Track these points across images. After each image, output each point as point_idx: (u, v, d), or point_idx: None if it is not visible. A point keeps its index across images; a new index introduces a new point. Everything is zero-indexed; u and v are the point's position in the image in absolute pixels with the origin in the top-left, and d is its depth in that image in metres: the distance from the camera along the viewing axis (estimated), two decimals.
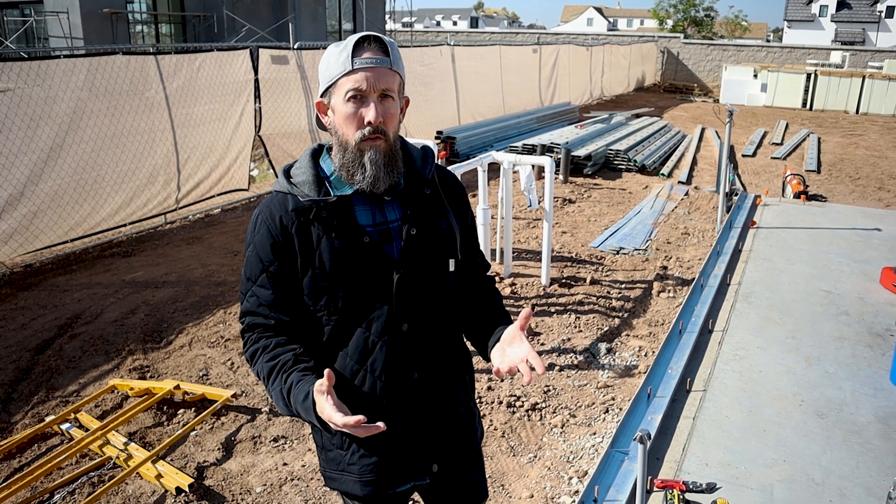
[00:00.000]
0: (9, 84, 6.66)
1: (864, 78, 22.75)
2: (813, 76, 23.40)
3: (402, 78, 1.88)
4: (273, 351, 1.86)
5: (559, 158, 11.24)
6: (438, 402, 2.00)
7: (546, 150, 12.04)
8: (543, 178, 6.44)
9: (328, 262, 1.83)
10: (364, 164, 1.81)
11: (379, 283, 1.87)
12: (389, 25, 28.48)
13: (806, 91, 23.48)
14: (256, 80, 9.62)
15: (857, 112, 22.68)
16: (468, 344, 2.14)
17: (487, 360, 1.96)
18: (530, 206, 6.64)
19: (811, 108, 23.33)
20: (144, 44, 18.79)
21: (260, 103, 9.82)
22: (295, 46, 10.32)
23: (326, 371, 1.66)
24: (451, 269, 2.00)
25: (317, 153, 1.95)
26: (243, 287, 1.94)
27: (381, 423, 1.66)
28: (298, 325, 1.93)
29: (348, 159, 1.83)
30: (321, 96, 1.87)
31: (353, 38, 1.80)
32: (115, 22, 17.46)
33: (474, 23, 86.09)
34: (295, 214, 1.84)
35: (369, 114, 1.79)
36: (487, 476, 3.89)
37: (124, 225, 8.12)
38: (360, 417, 1.62)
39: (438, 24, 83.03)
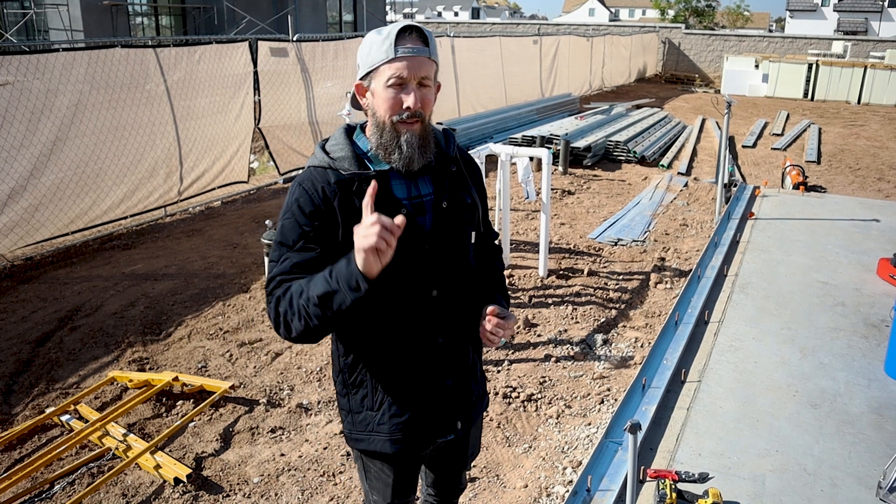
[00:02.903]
0: (9, 77, 6.68)
1: (865, 68, 22.69)
2: (814, 66, 23.33)
3: (438, 65, 2.02)
4: (309, 277, 1.92)
5: (559, 150, 11.24)
6: (461, 363, 2.19)
7: (545, 141, 12.04)
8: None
9: None
10: (401, 144, 1.96)
11: (412, 252, 1.99)
12: (390, 16, 28.42)
13: (807, 81, 23.43)
14: (256, 73, 9.64)
15: (859, 102, 22.63)
16: None
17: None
18: (527, 198, 6.66)
19: (812, 99, 23.28)
20: (145, 36, 18.78)
21: (259, 96, 9.84)
22: (294, 39, 10.33)
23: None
24: (472, 240, 2.17)
25: (349, 131, 2.07)
26: (275, 253, 2.00)
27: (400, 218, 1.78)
28: None
29: (386, 140, 1.97)
30: (360, 79, 2.00)
31: (396, 26, 1.92)
32: (115, 14, 17.46)
33: (475, 13, 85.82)
34: (337, 186, 1.95)
35: (409, 100, 1.92)
36: (483, 466, 3.94)
37: (125, 217, 8.16)
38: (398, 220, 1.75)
39: (440, 14, 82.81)
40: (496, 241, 2.44)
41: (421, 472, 2.48)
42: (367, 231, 1.73)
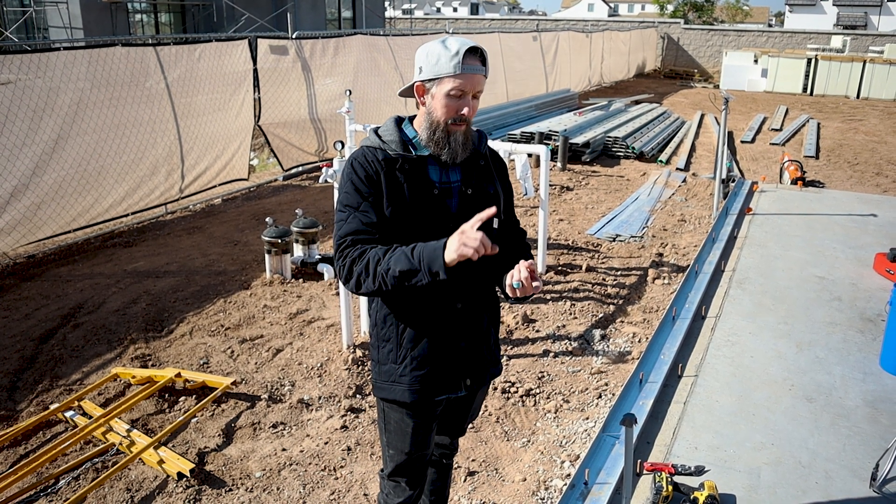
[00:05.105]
0: (10, 76, 6.72)
1: (864, 63, 22.71)
2: (813, 61, 23.35)
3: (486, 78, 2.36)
4: (385, 248, 2.21)
5: (557, 146, 11.28)
6: (475, 330, 2.49)
7: (544, 137, 12.07)
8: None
9: (407, 203, 2.29)
10: (450, 142, 2.32)
11: (440, 227, 2.28)
12: (389, 13, 28.39)
13: (806, 76, 23.45)
14: (255, 70, 9.67)
15: (858, 97, 22.66)
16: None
17: (505, 295, 2.34)
18: (526, 194, 6.70)
19: (812, 94, 23.30)
20: (144, 34, 18.79)
21: (259, 93, 9.87)
22: (293, 36, 10.35)
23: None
24: (495, 226, 2.42)
25: (399, 121, 2.42)
26: (341, 216, 2.32)
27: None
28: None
29: (439, 136, 2.31)
30: (424, 82, 2.32)
31: (464, 46, 2.23)
32: (114, 12, 17.47)
33: (474, 9, 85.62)
34: (384, 163, 2.31)
35: (465, 109, 2.28)
36: (482, 460, 3.99)
37: (126, 215, 8.20)
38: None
39: (439, 10, 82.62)
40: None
41: None
42: (471, 239, 2.03)
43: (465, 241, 2.04)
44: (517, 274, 2.20)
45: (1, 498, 3.58)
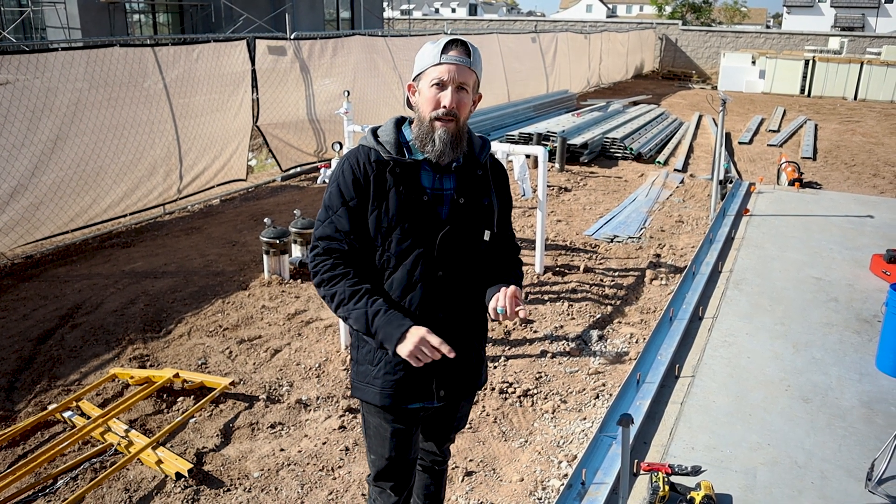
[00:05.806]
0: (9, 77, 6.72)
1: (862, 64, 22.75)
2: (811, 62, 23.39)
3: (479, 77, 2.31)
4: (354, 279, 2.29)
5: (555, 147, 11.29)
6: (455, 341, 2.34)
7: (542, 138, 12.09)
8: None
9: (393, 209, 2.28)
10: (434, 139, 2.25)
11: (427, 234, 2.30)
12: (388, 13, 28.40)
13: (804, 77, 23.49)
14: (254, 71, 9.67)
15: (856, 98, 22.70)
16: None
17: (488, 315, 2.39)
18: (524, 195, 6.71)
19: (809, 95, 23.34)
20: (142, 34, 18.79)
21: (257, 94, 9.87)
22: (292, 37, 10.36)
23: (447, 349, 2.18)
24: (486, 238, 2.43)
25: (399, 122, 2.40)
26: (322, 215, 2.36)
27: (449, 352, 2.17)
28: (363, 254, 2.34)
29: (423, 132, 2.28)
30: (413, 80, 2.33)
31: (445, 38, 2.26)
32: (112, 12, 17.47)
33: (473, 10, 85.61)
34: (375, 165, 2.29)
35: (445, 99, 2.23)
36: (479, 461, 4.00)
37: (125, 215, 8.20)
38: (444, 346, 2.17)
39: (437, 10, 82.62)
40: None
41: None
42: (426, 357, 2.15)
43: (418, 355, 2.15)
44: (502, 300, 2.22)
45: None
